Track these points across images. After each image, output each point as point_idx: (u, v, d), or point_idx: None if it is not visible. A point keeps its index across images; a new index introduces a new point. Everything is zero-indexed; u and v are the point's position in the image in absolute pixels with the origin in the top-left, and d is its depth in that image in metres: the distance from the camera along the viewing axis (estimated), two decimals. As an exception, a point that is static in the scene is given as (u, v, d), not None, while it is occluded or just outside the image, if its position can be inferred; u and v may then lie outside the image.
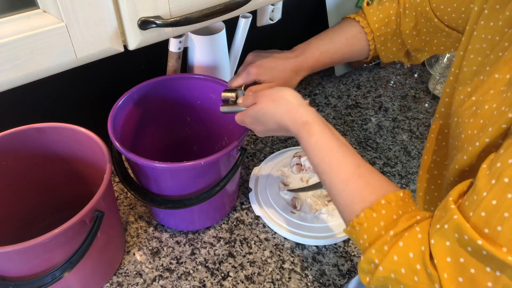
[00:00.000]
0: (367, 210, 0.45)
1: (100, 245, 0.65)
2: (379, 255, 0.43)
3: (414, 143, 1.04)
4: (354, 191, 0.48)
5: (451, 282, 0.37)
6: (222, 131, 0.86)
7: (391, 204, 0.45)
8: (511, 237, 0.34)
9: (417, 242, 0.41)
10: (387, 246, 0.43)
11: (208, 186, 0.71)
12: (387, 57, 0.76)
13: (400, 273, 0.41)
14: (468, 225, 0.36)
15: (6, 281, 0.57)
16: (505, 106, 0.40)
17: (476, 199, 0.37)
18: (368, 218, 0.45)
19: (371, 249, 0.44)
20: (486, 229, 0.35)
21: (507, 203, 0.34)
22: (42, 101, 0.81)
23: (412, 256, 0.41)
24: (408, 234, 0.42)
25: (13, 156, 0.68)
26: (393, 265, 0.42)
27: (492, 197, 0.36)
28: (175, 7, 0.46)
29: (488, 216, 0.36)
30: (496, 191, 0.35)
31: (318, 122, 0.53)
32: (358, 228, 0.46)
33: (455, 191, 0.41)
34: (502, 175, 0.35)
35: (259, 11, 1.02)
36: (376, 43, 0.73)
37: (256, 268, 0.76)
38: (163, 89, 0.80)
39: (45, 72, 0.41)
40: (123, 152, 0.64)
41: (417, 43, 0.72)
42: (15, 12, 0.39)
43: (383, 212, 0.45)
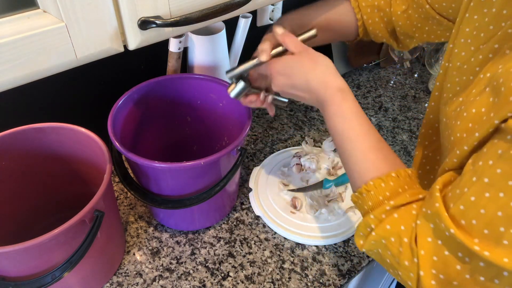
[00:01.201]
0: (377, 179, 0.49)
1: (100, 245, 0.65)
2: (375, 221, 0.48)
3: (414, 143, 1.04)
4: (372, 161, 0.51)
5: (427, 259, 0.42)
6: (222, 131, 0.86)
7: (399, 178, 0.49)
8: (483, 231, 0.38)
9: (410, 217, 0.46)
10: (385, 215, 0.47)
11: (208, 186, 0.71)
12: (375, 34, 0.72)
13: (390, 241, 0.46)
14: (446, 214, 0.40)
15: (6, 281, 0.57)
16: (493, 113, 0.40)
17: (458, 193, 0.41)
18: (376, 186, 0.49)
19: (370, 214, 0.48)
20: (463, 220, 0.39)
21: (484, 201, 0.38)
22: (42, 101, 0.81)
23: (403, 228, 0.45)
24: (404, 209, 0.47)
25: (13, 156, 0.68)
26: (385, 233, 0.46)
27: (472, 193, 0.39)
28: (175, 7, 0.46)
29: (466, 210, 0.39)
30: (476, 189, 0.39)
31: (350, 91, 0.55)
32: (365, 194, 0.50)
33: (440, 180, 0.45)
34: (483, 174, 0.38)
35: (259, 11, 1.02)
36: (363, 14, 0.69)
37: (256, 268, 0.76)
38: (163, 89, 0.80)
39: (45, 72, 0.41)
40: (123, 152, 0.64)
41: (408, 28, 0.69)
42: (15, 12, 0.39)
43: (391, 183, 0.48)
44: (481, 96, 0.43)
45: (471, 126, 0.43)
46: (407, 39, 0.72)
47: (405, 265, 0.45)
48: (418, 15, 0.67)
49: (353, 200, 0.53)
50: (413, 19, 0.68)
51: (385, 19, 0.70)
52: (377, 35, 0.72)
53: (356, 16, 0.69)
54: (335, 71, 0.57)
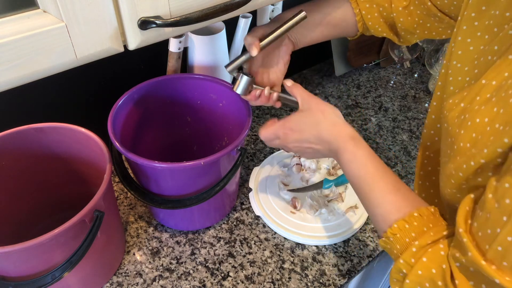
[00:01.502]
0: (400, 221, 0.49)
1: (100, 245, 0.65)
2: (406, 266, 0.47)
3: (414, 143, 1.04)
4: (393, 202, 0.51)
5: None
6: (222, 131, 0.86)
7: (423, 217, 0.48)
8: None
9: (439, 259, 0.44)
10: (414, 259, 0.46)
11: (208, 186, 0.71)
12: (375, 29, 0.71)
13: (425, 286, 0.45)
14: (483, 263, 0.39)
15: (6, 281, 0.57)
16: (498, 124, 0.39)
17: (491, 234, 0.39)
18: (401, 229, 0.48)
19: (400, 259, 0.47)
20: (505, 262, 0.38)
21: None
22: (42, 101, 0.81)
23: (435, 272, 0.44)
24: (432, 250, 0.45)
25: (13, 156, 0.68)
26: (418, 278, 0.45)
27: (507, 233, 0.37)
28: (175, 7, 0.46)
29: (504, 251, 0.38)
30: (509, 229, 0.37)
31: (362, 138, 0.58)
32: (392, 238, 0.49)
33: (460, 218, 0.43)
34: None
35: (259, 11, 1.02)
36: (361, 9, 0.69)
37: (256, 268, 0.76)
38: (163, 89, 0.80)
39: (45, 72, 0.41)
40: (123, 152, 0.64)
41: (409, 24, 0.68)
42: (15, 12, 0.38)
43: (415, 224, 0.48)
44: (486, 106, 0.42)
45: (475, 137, 0.42)
46: (408, 35, 0.71)
47: None
48: (420, 12, 0.66)
49: (382, 246, 0.52)
50: (414, 15, 0.67)
51: (384, 13, 0.69)
52: (377, 30, 0.71)
53: (354, 11, 0.69)
54: (343, 119, 0.60)
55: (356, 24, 0.70)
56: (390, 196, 0.52)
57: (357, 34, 0.73)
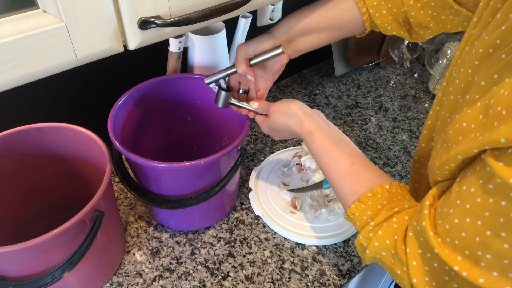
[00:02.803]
0: (356, 202, 0.55)
1: (100, 245, 0.65)
2: (366, 240, 0.54)
3: (414, 143, 1.04)
4: (348, 186, 0.58)
5: (419, 268, 0.46)
6: (222, 131, 0.86)
7: (376, 195, 0.54)
8: (465, 251, 0.41)
9: (392, 231, 0.51)
10: (372, 233, 0.53)
11: (208, 186, 0.71)
12: (384, 27, 0.69)
13: (382, 255, 0.52)
14: (431, 234, 0.44)
15: (6, 281, 0.57)
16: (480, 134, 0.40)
17: (446, 212, 0.44)
18: (358, 209, 0.55)
19: (360, 235, 0.54)
20: (448, 239, 0.43)
21: (465, 226, 0.41)
22: (42, 101, 0.81)
23: (388, 243, 0.51)
24: (386, 224, 0.52)
25: (13, 156, 0.68)
26: (375, 249, 0.52)
27: (455, 216, 0.42)
28: (175, 7, 0.46)
29: (450, 230, 0.43)
30: (458, 212, 0.42)
31: (319, 130, 0.63)
32: (352, 217, 0.56)
33: (430, 195, 0.48)
34: (465, 200, 0.41)
35: (259, 11, 1.02)
36: (369, 8, 0.67)
37: (256, 268, 0.76)
38: (163, 89, 0.80)
39: (45, 72, 0.41)
40: (122, 152, 0.64)
41: (422, 17, 0.66)
42: (15, 12, 0.39)
43: (369, 203, 0.54)
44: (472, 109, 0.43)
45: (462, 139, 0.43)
46: (421, 30, 0.68)
47: (398, 274, 0.50)
48: (434, 3, 0.64)
49: (347, 220, 0.59)
50: (428, 8, 0.65)
51: (394, 9, 0.67)
52: (386, 28, 0.69)
53: (361, 11, 0.67)
54: (303, 112, 0.65)
55: (364, 23, 0.68)
56: (345, 181, 0.58)
57: (365, 32, 0.71)
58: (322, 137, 0.63)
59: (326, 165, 0.61)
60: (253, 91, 0.74)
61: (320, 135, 0.63)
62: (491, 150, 0.38)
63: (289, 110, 0.66)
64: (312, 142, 0.63)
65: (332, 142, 0.62)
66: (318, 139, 0.63)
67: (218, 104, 0.72)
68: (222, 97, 0.71)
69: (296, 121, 0.65)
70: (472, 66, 0.47)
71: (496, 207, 0.37)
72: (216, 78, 0.71)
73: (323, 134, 0.63)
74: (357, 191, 0.56)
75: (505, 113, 0.37)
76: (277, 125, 0.68)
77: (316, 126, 0.64)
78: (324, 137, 0.63)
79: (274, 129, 0.70)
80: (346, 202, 0.58)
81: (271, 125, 0.70)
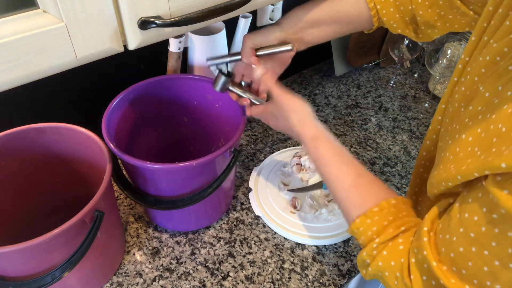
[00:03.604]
0: (362, 217, 0.52)
1: (100, 245, 0.65)
2: (369, 257, 0.51)
3: (414, 143, 1.04)
4: (355, 198, 0.55)
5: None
6: (218, 132, 0.86)
7: (383, 211, 0.52)
8: (473, 280, 0.40)
9: (398, 253, 0.49)
10: (376, 251, 0.51)
11: (201, 187, 0.71)
12: (390, 25, 0.68)
13: (385, 275, 0.50)
14: (434, 264, 0.43)
15: (6, 281, 0.57)
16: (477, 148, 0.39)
17: (448, 239, 0.42)
18: (363, 223, 0.52)
19: (364, 251, 0.52)
20: (454, 267, 0.41)
21: (470, 255, 0.39)
22: (42, 101, 0.81)
23: (393, 264, 0.49)
24: (392, 245, 0.50)
25: (13, 156, 0.68)
26: (379, 268, 0.50)
27: (460, 244, 0.40)
28: (175, 7, 0.46)
29: (455, 259, 0.41)
30: (463, 241, 0.40)
31: (324, 136, 0.61)
32: (356, 231, 0.53)
33: (427, 220, 0.47)
34: (468, 228, 0.40)
35: (259, 11, 1.02)
36: (376, 3, 0.66)
37: (256, 268, 0.76)
38: (159, 89, 0.80)
39: (45, 72, 0.41)
40: (116, 152, 0.64)
41: (430, 16, 0.65)
42: (15, 12, 0.39)
43: (375, 218, 0.52)
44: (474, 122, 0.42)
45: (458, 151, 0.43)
46: (428, 29, 0.68)
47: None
48: (442, 2, 0.63)
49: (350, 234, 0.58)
50: (435, 6, 0.64)
51: (401, 7, 0.66)
52: (391, 26, 0.69)
53: (369, 6, 0.66)
54: (309, 117, 0.63)
55: (372, 19, 0.68)
56: (351, 193, 0.55)
57: (372, 28, 0.70)
58: (328, 145, 0.60)
59: (332, 175, 0.58)
60: (256, 83, 0.72)
61: (326, 141, 0.60)
62: (493, 176, 0.37)
63: (298, 108, 0.63)
64: (316, 149, 0.60)
65: (337, 151, 0.59)
66: (322, 145, 0.60)
67: (216, 88, 0.70)
68: (221, 81, 0.69)
69: (300, 120, 0.62)
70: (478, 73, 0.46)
71: (503, 237, 0.36)
72: (219, 62, 0.69)
73: (328, 142, 0.60)
74: (363, 205, 0.54)
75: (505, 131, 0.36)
76: (278, 113, 0.65)
77: (321, 131, 0.62)
78: (330, 145, 0.60)
79: (275, 116, 0.66)
80: (350, 216, 0.55)
81: (273, 111, 0.66)
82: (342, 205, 0.57)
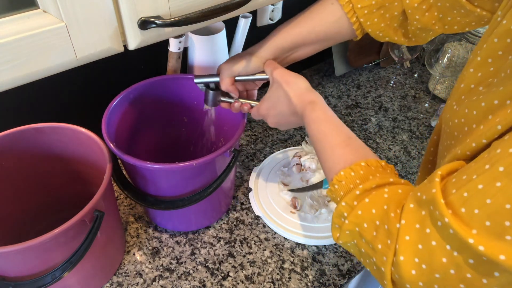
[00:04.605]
0: (346, 169, 0.49)
1: (100, 245, 0.65)
2: (347, 208, 0.47)
3: (414, 143, 1.04)
4: (341, 155, 0.53)
5: (410, 245, 0.40)
6: (218, 132, 0.86)
7: (370, 167, 0.49)
8: (485, 222, 0.35)
9: (382, 200, 0.44)
10: (356, 201, 0.46)
11: (201, 188, 0.71)
12: (375, 34, 0.68)
13: (363, 227, 0.45)
14: (442, 201, 0.37)
15: (6, 281, 0.57)
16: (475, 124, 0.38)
17: (465, 179, 0.37)
18: (346, 176, 0.49)
19: (342, 202, 0.48)
20: (463, 208, 0.36)
21: (493, 191, 0.35)
22: (42, 101, 0.81)
23: (374, 212, 0.44)
24: (376, 193, 0.46)
25: (13, 156, 0.68)
26: (357, 219, 0.46)
27: (481, 181, 0.36)
28: (175, 7, 0.46)
29: (469, 198, 0.36)
30: (486, 176, 0.35)
31: (322, 102, 0.60)
32: (337, 186, 0.50)
33: (445, 167, 0.42)
34: (498, 162, 0.35)
35: (259, 11, 1.02)
36: (359, 17, 0.65)
37: (256, 268, 0.76)
38: (159, 89, 0.80)
39: (45, 72, 0.41)
40: (115, 152, 0.64)
41: (427, 20, 0.63)
42: (15, 12, 0.39)
43: (361, 172, 0.48)
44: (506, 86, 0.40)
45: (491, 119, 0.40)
46: (423, 33, 0.66)
47: (378, 249, 0.43)
48: (441, 4, 0.61)
49: (328, 195, 0.54)
50: (434, 9, 0.62)
51: (386, 15, 0.65)
52: (378, 36, 0.68)
53: (351, 21, 0.65)
54: (307, 86, 0.62)
55: (355, 32, 0.68)
56: (338, 149, 0.53)
57: (357, 38, 0.70)
58: (324, 107, 0.60)
59: (321, 133, 0.57)
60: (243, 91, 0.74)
61: (322, 105, 0.60)
62: None
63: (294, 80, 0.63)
64: (312, 110, 0.59)
65: (333, 116, 0.59)
66: (319, 108, 0.59)
67: (208, 104, 0.72)
68: (210, 96, 0.71)
69: (298, 93, 0.62)
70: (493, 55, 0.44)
71: None
72: (206, 80, 0.71)
73: (325, 106, 0.60)
74: (350, 159, 0.51)
75: None
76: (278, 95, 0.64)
77: (320, 99, 0.61)
78: (325, 108, 0.60)
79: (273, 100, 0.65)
80: (334, 170, 0.51)
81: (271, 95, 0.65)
82: (328, 163, 0.54)
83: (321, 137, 0.57)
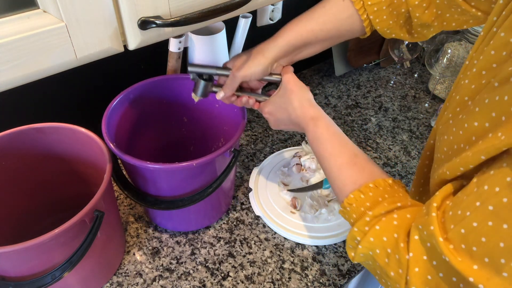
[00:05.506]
0: (356, 192, 0.51)
1: (100, 245, 0.65)
2: (360, 234, 0.49)
3: (414, 143, 1.04)
4: (348, 176, 0.54)
5: (420, 276, 0.42)
6: (218, 132, 0.86)
7: (378, 188, 0.51)
8: (484, 259, 0.37)
9: (391, 228, 0.46)
10: (368, 227, 0.48)
11: (201, 188, 0.71)
12: (383, 31, 0.68)
13: (376, 253, 0.47)
14: (440, 239, 0.40)
15: (6, 281, 0.57)
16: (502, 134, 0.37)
17: (460, 215, 0.39)
18: (356, 199, 0.51)
19: (354, 227, 0.50)
20: (463, 245, 0.38)
21: (486, 230, 0.36)
22: (42, 101, 0.81)
23: (386, 240, 0.46)
24: (385, 219, 0.47)
25: (13, 156, 0.68)
26: (370, 245, 0.48)
27: (474, 219, 0.37)
28: (175, 7, 0.46)
29: (466, 235, 0.38)
30: (478, 215, 0.37)
31: (324, 118, 0.62)
32: (348, 208, 0.52)
33: (438, 196, 0.43)
34: (487, 201, 0.37)
35: (259, 11, 1.02)
36: (369, 14, 0.65)
37: (256, 268, 0.76)
38: (159, 89, 0.80)
39: (45, 72, 0.41)
40: (115, 152, 0.64)
41: (427, 17, 0.64)
42: (15, 12, 0.39)
43: (370, 194, 0.50)
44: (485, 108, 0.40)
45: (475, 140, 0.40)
46: (424, 30, 0.67)
47: (391, 276, 0.45)
48: (440, 1, 0.62)
49: (341, 215, 0.55)
50: (433, 7, 0.63)
51: (394, 12, 0.65)
52: (385, 33, 0.69)
53: (362, 18, 0.66)
54: (309, 99, 0.64)
55: (364, 29, 0.68)
56: (345, 170, 0.55)
57: (365, 35, 0.70)
58: (327, 124, 0.61)
59: (327, 152, 0.58)
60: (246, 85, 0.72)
61: (324, 122, 0.61)
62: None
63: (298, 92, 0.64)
64: (315, 127, 0.61)
65: (337, 132, 0.60)
66: (321, 125, 0.61)
67: (197, 94, 0.69)
68: (201, 86, 0.68)
69: (302, 104, 0.63)
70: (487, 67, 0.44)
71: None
72: (201, 71, 0.68)
73: (327, 122, 0.61)
74: (358, 180, 0.53)
75: None
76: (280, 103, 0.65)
77: (322, 114, 0.62)
78: (329, 124, 0.61)
79: (274, 108, 0.67)
80: (344, 192, 0.53)
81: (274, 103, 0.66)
82: (336, 183, 0.56)
83: (327, 156, 0.58)
